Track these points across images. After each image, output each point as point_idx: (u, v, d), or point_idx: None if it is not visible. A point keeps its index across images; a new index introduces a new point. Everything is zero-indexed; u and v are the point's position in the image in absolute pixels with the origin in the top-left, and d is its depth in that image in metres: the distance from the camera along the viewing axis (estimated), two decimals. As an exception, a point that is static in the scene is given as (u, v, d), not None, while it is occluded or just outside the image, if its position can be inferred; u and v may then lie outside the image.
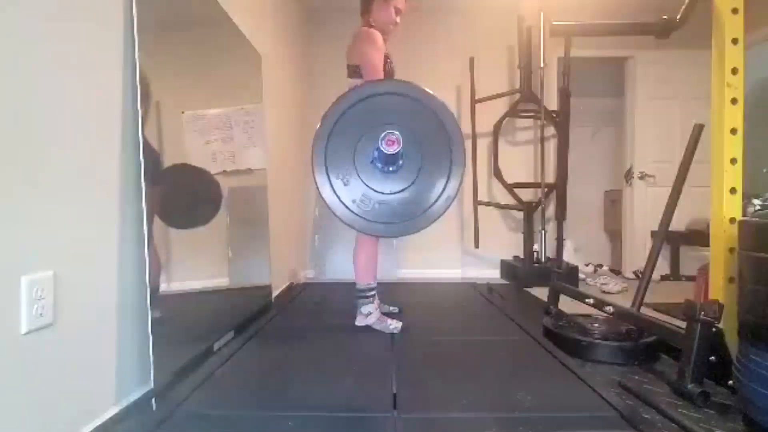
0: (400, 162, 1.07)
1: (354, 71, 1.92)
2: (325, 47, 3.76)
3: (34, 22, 0.90)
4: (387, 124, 1.04)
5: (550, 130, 3.58)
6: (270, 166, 2.45)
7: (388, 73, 1.93)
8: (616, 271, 3.95)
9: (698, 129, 1.63)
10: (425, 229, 1.14)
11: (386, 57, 1.92)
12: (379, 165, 1.06)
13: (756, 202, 1.68)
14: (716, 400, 1.25)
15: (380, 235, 1.22)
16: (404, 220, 1.13)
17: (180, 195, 1.53)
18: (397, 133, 0.98)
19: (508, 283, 3.43)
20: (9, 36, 0.84)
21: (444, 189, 1.11)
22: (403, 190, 1.08)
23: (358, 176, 1.09)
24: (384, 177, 1.08)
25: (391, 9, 1.96)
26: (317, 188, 1.10)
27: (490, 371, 1.47)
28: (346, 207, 1.11)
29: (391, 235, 1.21)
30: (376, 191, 1.09)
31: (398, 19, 2.00)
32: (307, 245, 3.71)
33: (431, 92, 1.10)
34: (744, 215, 1.44)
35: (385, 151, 0.99)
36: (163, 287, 1.33)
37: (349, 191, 1.10)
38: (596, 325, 1.80)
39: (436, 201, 1.11)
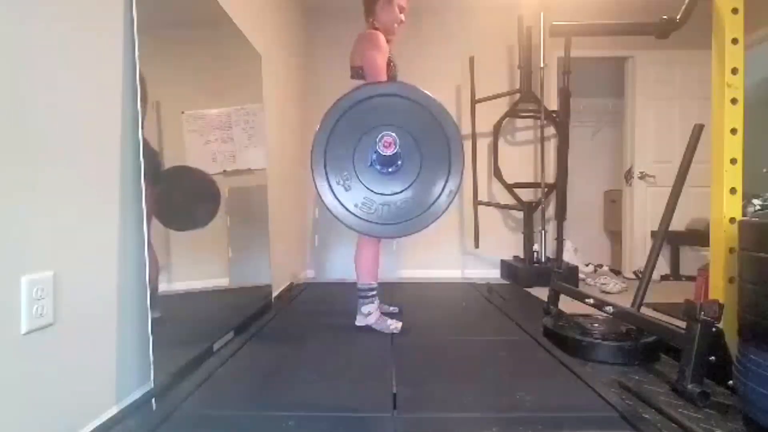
0: (399, 162, 1.06)
1: (357, 73, 1.92)
2: (325, 46, 3.77)
3: (33, 23, 0.90)
4: (384, 125, 1.04)
5: (550, 130, 3.58)
6: (270, 166, 2.45)
7: (391, 76, 1.93)
8: (616, 271, 3.95)
9: (698, 129, 1.63)
10: (426, 229, 1.14)
11: (389, 60, 1.92)
12: (378, 167, 1.06)
13: (756, 202, 1.68)
14: (716, 400, 1.25)
15: (385, 236, 1.22)
16: (408, 219, 1.12)
17: (178, 197, 1.53)
18: (393, 134, 0.97)
19: (508, 283, 3.43)
20: (9, 37, 0.84)
21: (445, 185, 1.11)
22: (404, 189, 1.08)
23: (359, 180, 1.09)
24: (384, 178, 1.08)
25: (395, 8, 1.96)
26: (318, 195, 1.10)
27: (490, 371, 1.47)
28: (349, 211, 1.10)
29: (395, 236, 1.20)
30: (377, 193, 1.09)
31: (403, 17, 2.00)
32: (307, 245, 3.71)
33: (429, 93, 1.10)
34: (744, 215, 1.44)
35: (383, 153, 0.99)
36: (163, 287, 1.33)
37: (351, 195, 1.10)
38: (596, 325, 1.80)
39: (438, 197, 1.11)
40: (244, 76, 2.18)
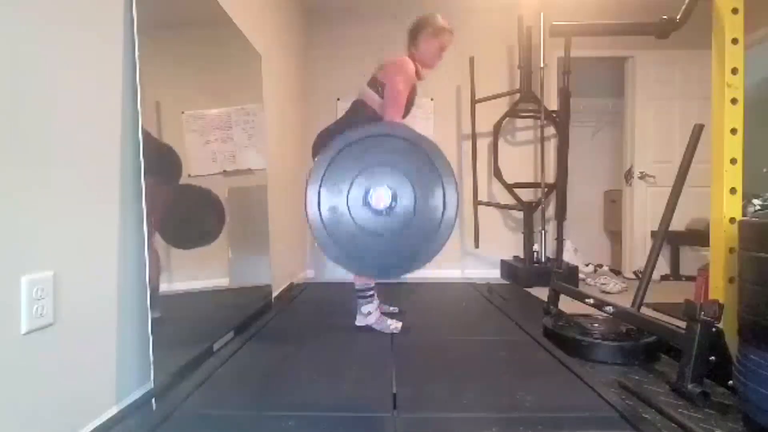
0: (393, 204, 1.05)
1: (376, 86, 1.95)
2: (325, 47, 3.77)
3: (33, 24, 0.90)
4: (379, 165, 1.04)
5: (550, 130, 3.58)
6: (270, 166, 2.45)
7: (410, 100, 1.96)
8: (616, 271, 3.95)
9: (698, 129, 1.63)
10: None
11: (413, 87, 1.96)
12: (371, 211, 1.05)
13: (756, 202, 1.68)
14: (716, 400, 1.25)
15: (381, 277, 1.23)
16: (403, 260, 1.13)
17: (184, 216, 1.54)
18: (383, 187, 0.96)
19: (508, 283, 3.43)
20: (9, 37, 0.84)
21: (441, 223, 1.11)
22: (398, 228, 1.07)
23: (353, 219, 1.09)
24: (379, 219, 1.07)
25: (437, 43, 2.01)
26: (311, 231, 1.09)
27: (490, 371, 1.47)
28: (342, 249, 1.11)
29: (389, 277, 1.21)
30: (371, 233, 1.08)
31: (442, 55, 2.06)
32: (307, 245, 3.71)
33: (422, 134, 1.11)
34: (744, 215, 1.44)
35: (375, 207, 0.97)
36: (164, 287, 1.33)
37: (344, 235, 1.10)
38: (596, 325, 1.80)
39: (433, 235, 1.12)
40: (244, 76, 2.18)
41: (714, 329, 1.28)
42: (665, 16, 1.59)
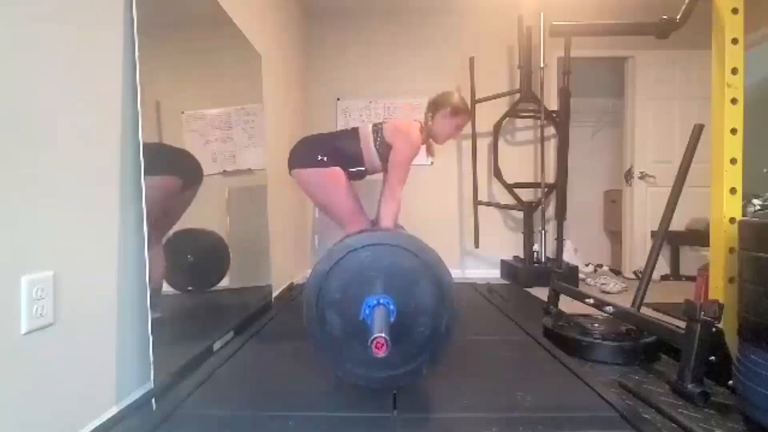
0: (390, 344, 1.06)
1: (378, 133, 1.97)
2: (325, 46, 3.77)
3: (33, 23, 0.90)
4: (378, 292, 1.07)
5: (550, 130, 3.58)
6: (270, 166, 2.45)
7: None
8: (616, 271, 3.95)
9: (698, 129, 1.63)
10: (426, 229, 1.14)
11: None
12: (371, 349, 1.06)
13: (756, 202, 1.68)
14: (716, 400, 1.25)
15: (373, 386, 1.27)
16: (394, 371, 1.18)
17: (188, 261, 1.56)
18: (384, 336, 0.97)
19: (508, 283, 3.43)
20: (8, 37, 0.84)
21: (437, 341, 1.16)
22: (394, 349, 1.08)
23: (350, 344, 1.13)
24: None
25: (453, 124, 2.03)
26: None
27: (490, 371, 1.47)
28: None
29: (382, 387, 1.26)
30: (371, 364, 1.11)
31: (457, 134, 2.09)
32: (307, 245, 3.71)
33: (428, 247, 1.15)
34: (744, 215, 1.44)
35: (375, 355, 0.98)
36: (164, 287, 1.33)
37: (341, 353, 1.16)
38: (596, 325, 1.80)
39: (425, 352, 1.17)
40: (244, 76, 2.18)
41: (714, 329, 1.28)
42: (665, 16, 1.59)
